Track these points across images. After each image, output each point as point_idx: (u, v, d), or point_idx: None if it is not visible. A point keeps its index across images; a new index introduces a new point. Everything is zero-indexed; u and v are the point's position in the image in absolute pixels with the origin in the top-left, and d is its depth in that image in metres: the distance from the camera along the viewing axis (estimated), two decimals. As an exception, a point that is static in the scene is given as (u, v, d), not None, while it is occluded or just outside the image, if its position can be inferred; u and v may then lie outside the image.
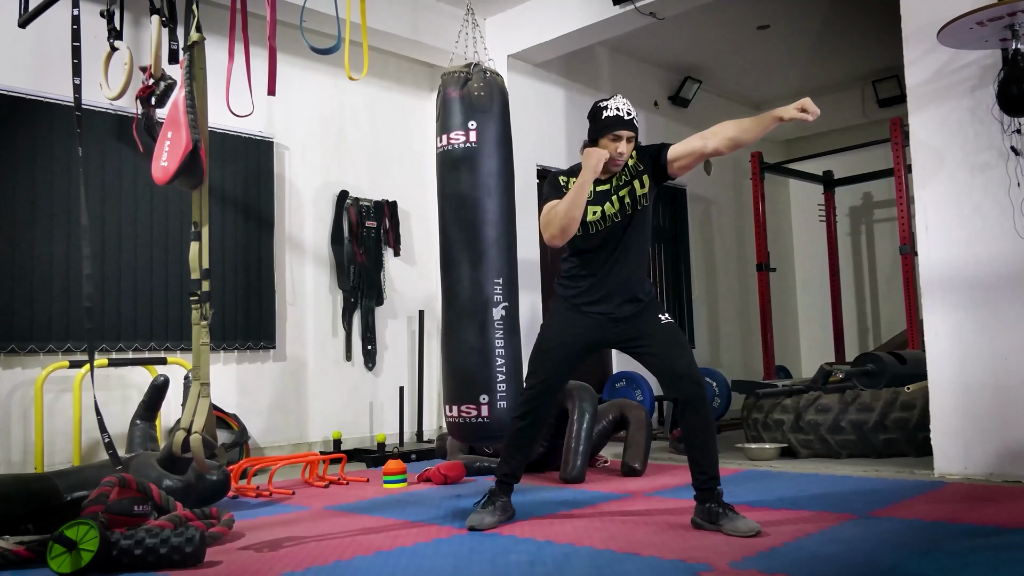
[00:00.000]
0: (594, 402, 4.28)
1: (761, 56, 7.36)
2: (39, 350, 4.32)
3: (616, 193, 3.01)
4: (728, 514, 2.82)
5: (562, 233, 2.91)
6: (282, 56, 4.49)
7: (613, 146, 2.95)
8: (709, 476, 2.89)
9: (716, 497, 2.87)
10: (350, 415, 5.65)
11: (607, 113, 2.97)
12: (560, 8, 5.78)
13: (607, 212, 3.00)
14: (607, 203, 3.00)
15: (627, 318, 3.01)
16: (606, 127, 2.96)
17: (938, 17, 3.74)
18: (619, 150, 2.95)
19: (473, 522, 3.02)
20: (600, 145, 2.97)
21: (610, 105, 2.99)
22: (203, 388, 2.91)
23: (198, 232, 3.00)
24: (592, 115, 3.03)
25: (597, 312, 3.02)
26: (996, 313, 3.79)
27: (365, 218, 5.79)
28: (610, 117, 2.96)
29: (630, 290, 3.01)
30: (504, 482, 3.15)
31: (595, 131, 3.00)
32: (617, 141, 2.95)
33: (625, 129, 2.95)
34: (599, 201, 3.00)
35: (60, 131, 4.47)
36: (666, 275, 7.40)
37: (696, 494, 2.93)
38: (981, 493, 3.43)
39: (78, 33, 3.16)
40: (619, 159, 2.96)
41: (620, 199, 3.00)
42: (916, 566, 2.30)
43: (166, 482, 3.15)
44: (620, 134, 2.95)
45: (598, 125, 2.98)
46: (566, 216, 2.88)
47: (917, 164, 4.08)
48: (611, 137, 2.96)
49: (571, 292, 3.07)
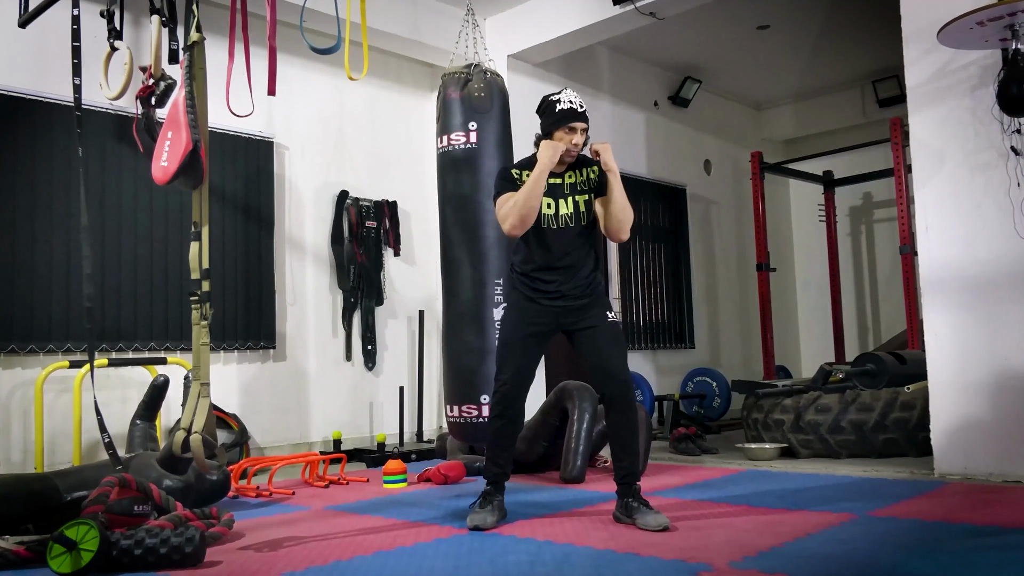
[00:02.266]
0: (594, 402, 4.28)
1: (761, 56, 7.36)
2: (39, 350, 4.32)
3: (572, 195, 3.12)
4: (642, 509, 2.97)
5: (522, 222, 3.00)
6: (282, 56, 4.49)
7: (568, 138, 3.04)
8: (629, 472, 3.04)
9: (634, 492, 3.02)
10: (350, 415, 5.65)
11: (560, 106, 3.04)
12: (560, 8, 5.78)
13: (561, 212, 3.10)
14: (561, 200, 3.10)
15: (578, 309, 3.11)
16: (561, 119, 3.04)
17: (938, 17, 3.74)
18: (573, 141, 3.04)
19: (476, 522, 3.03)
20: (555, 138, 3.05)
21: (562, 98, 3.06)
22: (203, 388, 2.91)
23: (198, 232, 3.00)
24: (545, 109, 3.10)
25: (552, 303, 3.11)
26: (996, 313, 3.79)
27: (365, 218, 5.79)
28: (564, 110, 3.03)
29: (581, 282, 3.11)
30: (496, 481, 3.18)
31: (549, 124, 3.07)
32: (572, 133, 3.04)
33: (579, 121, 3.04)
34: (552, 193, 3.09)
35: (60, 131, 4.47)
36: (666, 275, 7.40)
37: (617, 488, 3.07)
38: (981, 493, 3.43)
39: (78, 33, 3.16)
40: (574, 150, 3.06)
41: (576, 203, 3.11)
42: (916, 566, 2.30)
43: (166, 482, 3.15)
44: (574, 126, 3.04)
45: (552, 118, 3.06)
46: (525, 205, 2.97)
47: (917, 164, 4.08)
48: (566, 129, 3.04)
49: (526, 284, 3.15)
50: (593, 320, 3.10)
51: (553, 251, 3.10)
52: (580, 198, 3.12)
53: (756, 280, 7.01)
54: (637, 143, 7.29)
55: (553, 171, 3.08)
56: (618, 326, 3.15)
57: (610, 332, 3.10)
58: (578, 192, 3.12)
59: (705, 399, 6.69)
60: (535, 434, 4.38)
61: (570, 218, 3.10)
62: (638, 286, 7.11)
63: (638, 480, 3.06)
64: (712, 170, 8.12)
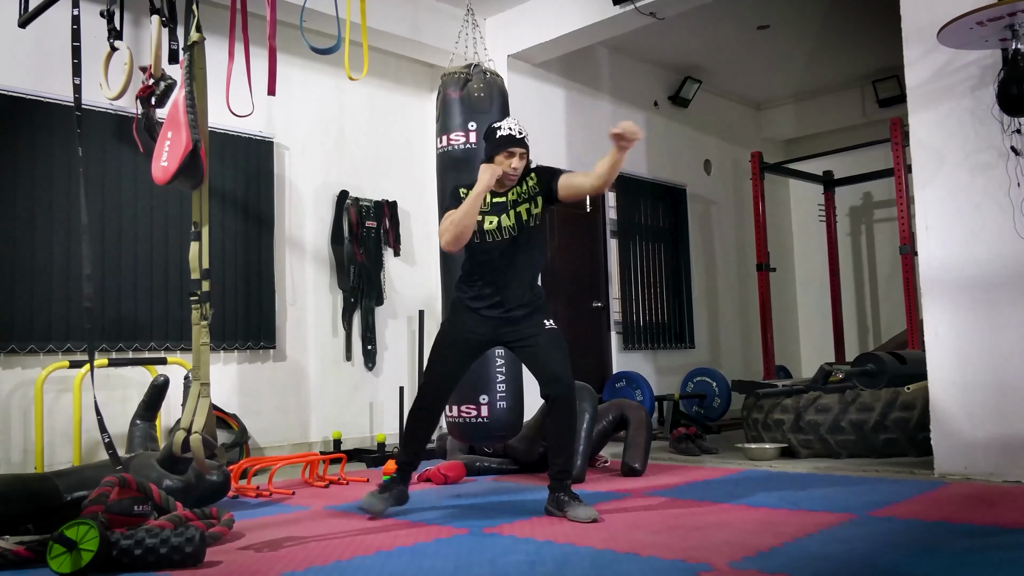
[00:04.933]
0: (594, 402, 4.28)
1: (761, 56, 7.36)
2: (39, 350, 4.32)
3: (514, 208, 3.28)
4: (572, 503, 3.15)
5: (456, 240, 3.15)
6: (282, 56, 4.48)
7: (507, 162, 3.23)
8: (562, 469, 3.22)
9: (566, 487, 3.20)
10: (350, 415, 5.65)
11: (501, 132, 3.24)
12: (560, 8, 5.78)
13: (503, 224, 3.26)
14: (504, 215, 3.27)
15: (517, 319, 3.29)
16: (500, 145, 3.24)
17: (938, 17, 3.74)
18: (513, 165, 3.23)
19: (364, 505, 3.26)
20: (495, 161, 3.25)
21: (503, 126, 3.27)
22: (203, 388, 2.91)
23: (198, 232, 3.00)
24: (487, 135, 3.31)
25: (491, 315, 3.28)
26: (996, 313, 3.79)
27: (365, 218, 5.79)
28: (504, 136, 3.24)
29: (521, 296, 3.29)
30: (404, 469, 3.36)
31: (491, 149, 3.27)
32: (511, 157, 3.23)
33: (518, 147, 3.24)
34: (496, 212, 3.27)
35: (60, 131, 4.47)
36: (666, 275, 7.40)
37: (550, 483, 3.25)
38: (981, 493, 3.43)
39: (78, 33, 3.16)
40: (513, 174, 3.23)
41: (517, 214, 3.28)
42: (916, 566, 2.30)
43: (166, 482, 3.15)
44: (513, 151, 3.23)
45: (493, 143, 3.26)
46: (460, 224, 3.13)
47: (917, 164, 4.08)
48: (505, 154, 3.23)
49: (468, 295, 3.32)
50: (533, 330, 3.28)
51: (494, 265, 3.27)
52: (521, 208, 3.28)
53: (756, 280, 7.01)
54: (637, 143, 7.28)
55: (497, 191, 3.28)
56: (557, 332, 3.33)
57: (550, 338, 3.28)
58: (519, 204, 3.29)
59: (705, 399, 6.69)
60: (535, 434, 4.38)
61: (512, 228, 3.27)
62: (638, 286, 7.11)
63: (570, 477, 3.25)
64: (712, 170, 8.12)
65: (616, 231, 6.99)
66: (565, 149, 6.54)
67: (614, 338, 6.82)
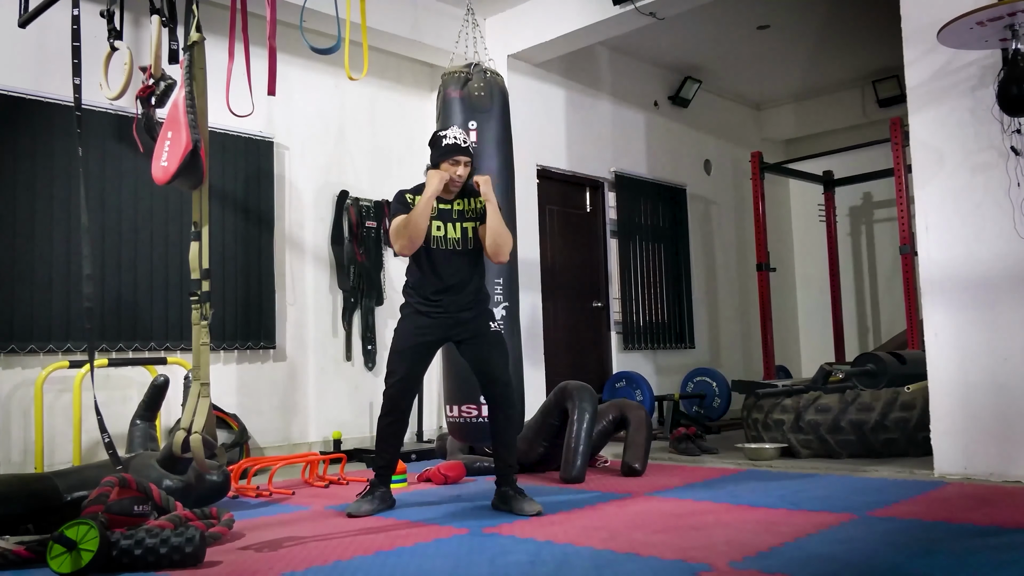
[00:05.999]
0: (594, 402, 4.28)
1: (761, 56, 7.36)
2: (39, 350, 4.32)
3: (460, 221, 3.45)
4: (518, 497, 3.31)
5: (410, 242, 3.31)
6: (282, 56, 4.49)
7: (452, 169, 3.39)
8: (508, 465, 3.39)
9: (511, 482, 3.37)
10: (350, 415, 5.65)
11: (447, 141, 3.40)
12: (560, 8, 5.78)
13: (450, 236, 3.42)
14: (450, 224, 3.43)
15: (465, 321, 3.43)
16: (446, 153, 3.39)
17: (938, 17, 3.74)
18: (457, 173, 3.39)
19: (351, 510, 3.35)
20: (441, 167, 3.39)
21: (448, 135, 3.42)
22: (203, 388, 2.91)
23: (198, 232, 3.00)
24: (433, 143, 3.46)
25: (441, 315, 3.41)
26: (996, 313, 3.79)
27: (365, 218, 5.79)
28: (449, 145, 3.39)
29: (467, 298, 3.43)
30: (382, 474, 3.47)
31: (437, 156, 3.42)
32: (456, 165, 3.39)
33: (463, 155, 3.41)
34: (442, 218, 3.42)
35: (60, 131, 4.47)
36: (666, 275, 7.39)
37: (496, 479, 3.42)
38: (981, 493, 3.43)
39: (78, 33, 3.16)
40: (457, 181, 3.40)
41: (464, 229, 3.45)
42: (916, 566, 2.30)
43: (166, 482, 3.15)
44: (458, 159, 3.40)
45: (439, 151, 3.41)
46: (413, 226, 3.28)
47: (917, 164, 4.08)
48: (451, 162, 3.39)
49: (417, 300, 3.44)
50: (477, 331, 3.43)
51: (442, 271, 3.40)
52: (468, 224, 3.45)
53: (756, 280, 7.01)
54: (637, 143, 7.29)
55: (443, 198, 3.43)
56: (500, 335, 3.51)
57: (492, 340, 3.45)
58: (466, 219, 3.46)
59: (705, 399, 6.69)
60: (535, 434, 4.38)
61: (457, 242, 3.42)
62: (638, 286, 7.10)
63: (515, 471, 3.42)
64: (712, 170, 8.12)
65: (616, 231, 6.98)
66: (565, 149, 6.54)
67: (614, 338, 6.82)
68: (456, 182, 3.41)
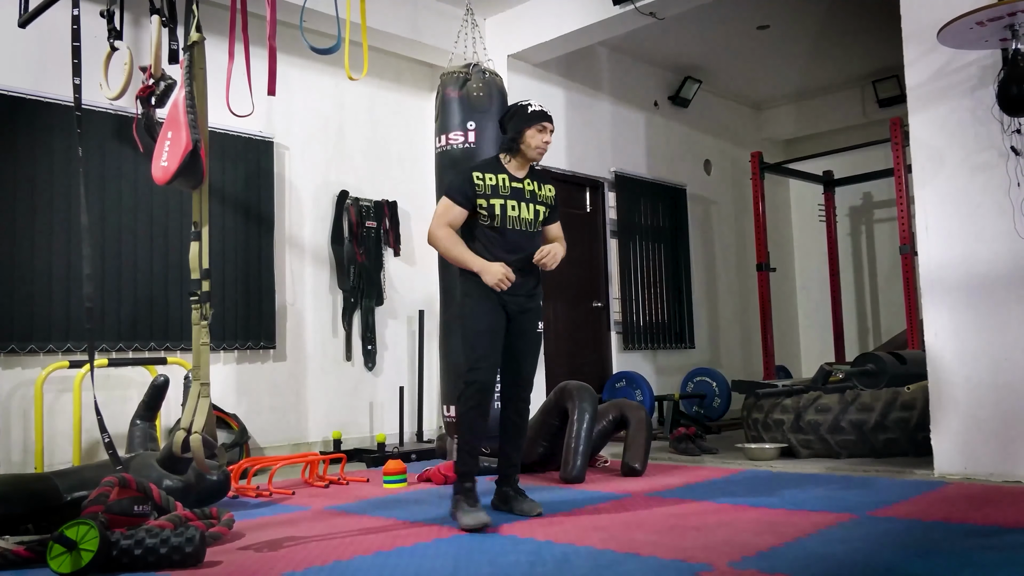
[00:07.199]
0: (594, 402, 4.28)
1: (761, 56, 7.36)
2: (39, 350, 4.32)
3: (533, 203, 3.33)
4: (519, 497, 3.29)
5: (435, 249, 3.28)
6: (282, 56, 4.49)
7: (540, 137, 3.28)
8: (513, 465, 3.35)
9: (513, 483, 3.34)
10: (350, 415, 5.65)
11: (532, 108, 3.30)
12: (560, 8, 5.78)
13: (524, 217, 3.29)
14: (523, 204, 3.29)
15: (527, 309, 3.30)
16: (532, 119, 3.28)
17: (938, 17, 3.75)
18: (544, 140, 3.30)
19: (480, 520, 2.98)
20: (527, 136, 3.27)
21: (533, 103, 3.33)
22: (203, 388, 2.91)
23: (198, 232, 3.00)
24: (515, 111, 3.33)
25: (509, 300, 3.24)
26: (996, 313, 3.79)
27: (365, 218, 5.79)
28: (535, 112, 3.30)
29: (531, 282, 3.31)
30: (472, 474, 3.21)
31: (521, 124, 3.28)
32: (542, 132, 3.29)
33: (550, 122, 3.31)
34: (516, 196, 3.28)
35: (60, 131, 4.47)
36: (666, 275, 7.39)
37: (499, 479, 3.38)
38: (981, 493, 3.43)
39: (78, 33, 3.16)
40: (544, 148, 3.31)
41: (536, 212, 3.33)
42: (916, 566, 2.30)
43: (166, 482, 3.15)
44: (545, 125, 3.29)
45: (523, 119, 3.28)
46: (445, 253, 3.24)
47: (917, 164, 4.08)
48: (538, 128, 3.28)
49: None
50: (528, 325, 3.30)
51: (514, 249, 3.26)
52: (540, 208, 3.35)
53: (756, 280, 7.01)
54: (637, 143, 7.29)
55: (516, 176, 3.31)
56: (541, 338, 3.39)
57: (536, 340, 3.34)
58: (538, 202, 3.34)
59: (705, 399, 6.69)
60: (535, 434, 4.37)
61: (530, 224, 3.31)
62: (638, 286, 7.10)
63: (518, 472, 3.40)
64: (712, 170, 8.12)
65: (616, 231, 6.98)
66: (565, 149, 6.54)
67: (614, 338, 6.82)
68: (542, 150, 3.30)
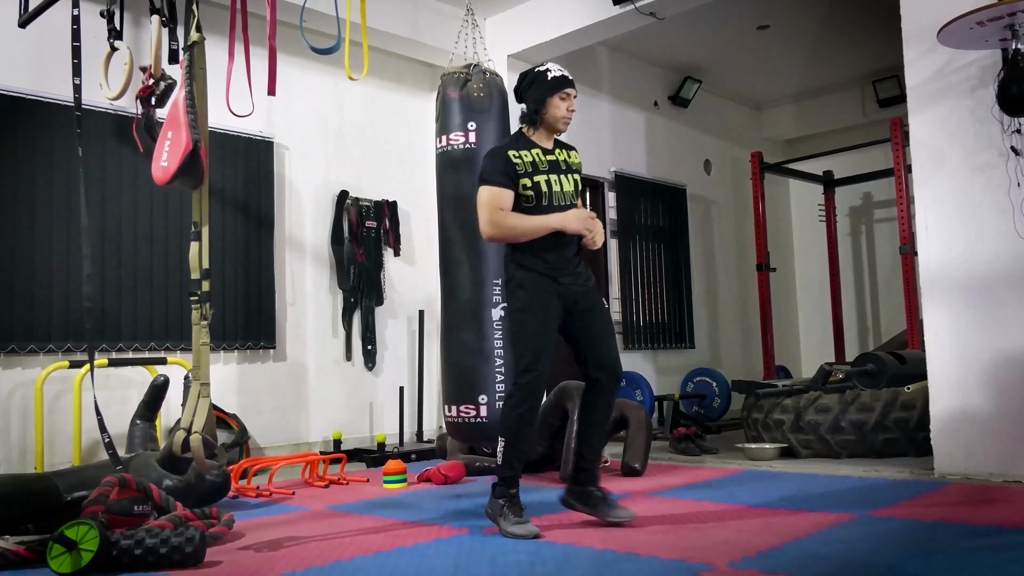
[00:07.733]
0: (594, 402, 4.26)
1: (761, 56, 7.36)
2: (39, 350, 4.32)
3: (568, 172, 3.07)
4: (607, 500, 2.97)
5: (502, 240, 2.98)
6: (282, 56, 4.49)
7: (564, 104, 3.04)
8: (597, 459, 3.04)
9: (596, 481, 3.01)
10: (350, 415, 5.65)
11: (553, 74, 3.05)
12: (560, 8, 5.78)
13: (565, 189, 3.02)
14: (561, 176, 3.03)
15: (586, 291, 3.02)
16: (556, 86, 3.03)
17: (938, 17, 3.74)
18: (570, 108, 3.05)
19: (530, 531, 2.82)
20: (550, 105, 3.02)
21: (552, 68, 3.07)
22: (203, 388, 2.91)
23: (198, 232, 3.00)
24: (534, 78, 3.06)
25: (569, 282, 2.98)
26: (996, 313, 3.79)
27: (365, 218, 5.79)
28: (557, 78, 3.04)
29: (577, 260, 3.05)
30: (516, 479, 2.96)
31: (543, 92, 3.03)
32: (566, 100, 3.05)
33: (573, 88, 3.07)
34: (553, 170, 3.03)
35: (60, 131, 4.47)
36: (666, 275, 7.40)
37: (579, 475, 3.01)
38: (981, 493, 3.43)
39: (78, 33, 3.16)
40: (569, 117, 3.06)
41: (574, 181, 3.09)
42: (916, 566, 2.30)
43: (166, 482, 3.15)
44: (568, 92, 3.05)
45: (546, 87, 3.03)
46: (510, 232, 2.93)
47: (917, 164, 4.08)
48: (562, 95, 3.04)
49: (543, 262, 2.96)
50: (595, 302, 3.02)
51: None
52: (575, 177, 3.10)
53: (756, 280, 7.01)
54: (637, 143, 7.29)
55: (546, 148, 3.06)
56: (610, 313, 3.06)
57: (607, 316, 3.05)
58: (572, 172, 3.09)
59: (705, 399, 6.69)
60: (535, 434, 4.37)
61: (572, 196, 3.04)
62: (638, 286, 7.11)
63: None
64: (712, 170, 8.13)
65: (616, 231, 6.98)
66: (565, 149, 6.53)
67: (614, 338, 6.82)
68: (568, 119, 3.05)
